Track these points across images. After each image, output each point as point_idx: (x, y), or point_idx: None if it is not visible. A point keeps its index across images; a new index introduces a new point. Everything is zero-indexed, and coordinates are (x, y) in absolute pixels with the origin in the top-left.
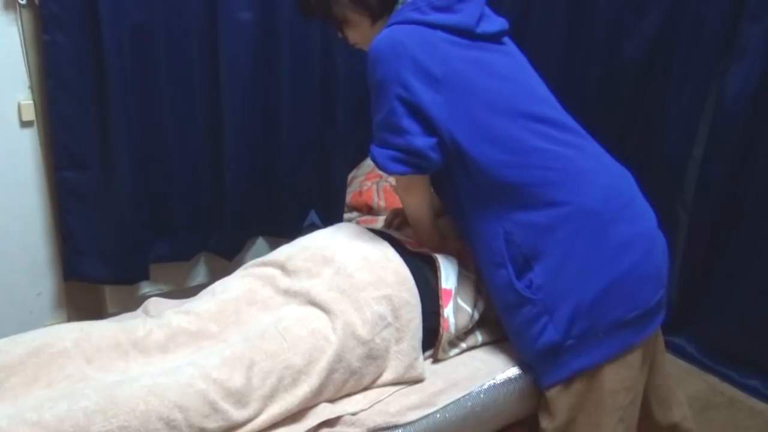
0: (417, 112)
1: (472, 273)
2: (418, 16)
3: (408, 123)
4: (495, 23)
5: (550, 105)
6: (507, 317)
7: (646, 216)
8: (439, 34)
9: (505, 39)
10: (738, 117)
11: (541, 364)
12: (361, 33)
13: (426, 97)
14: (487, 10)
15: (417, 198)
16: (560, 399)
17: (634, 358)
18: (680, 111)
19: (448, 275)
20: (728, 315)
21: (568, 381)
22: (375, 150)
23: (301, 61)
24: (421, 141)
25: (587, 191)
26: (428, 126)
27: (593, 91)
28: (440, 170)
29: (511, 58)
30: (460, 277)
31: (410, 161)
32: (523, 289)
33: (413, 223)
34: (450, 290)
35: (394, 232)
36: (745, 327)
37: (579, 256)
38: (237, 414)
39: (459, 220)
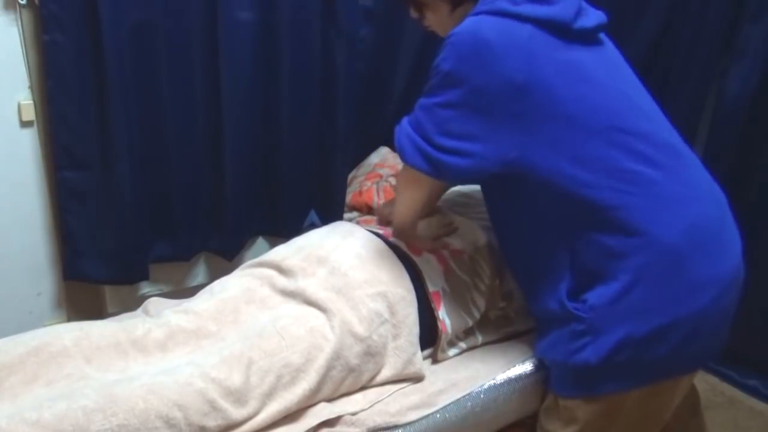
0: (477, 117)
1: (466, 275)
2: (509, 7)
3: (455, 125)
4: (592, 17)
5: (646, 116)
6: (545, 323)
7: (731, 253)
8: (529, 29)
9: (603, 36)
10: (738, 117)
11: (562, 373)
12: (438, 18)
13: (500, 105)
14: (585, 4)
15: (415, 195)
16: (576, 411)
17: (662, 388)
18: (680, 111)
19: (431, 278)
20: None
21: (591, 399)
22: (406, 128)
23: (301, 61)
24: (452, 159)
25: (668, 222)
26: (477, 135)
27: None
28: (502, 183)
29: (607, 60)
30: (452, 280)
31: (434, 162)
32: (573, 306)
33: (397, 218)
34: (438, 292)
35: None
36: (745, 327)
37: (644, 289)
38: (236, 412)
39: (503, 226)
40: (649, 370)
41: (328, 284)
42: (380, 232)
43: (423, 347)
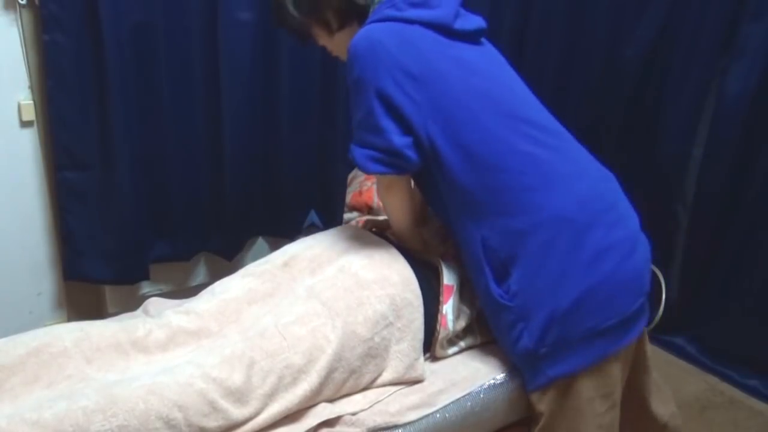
0: (395, 111)
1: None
2: (394, 12)
3: (386, 122)
4: (472, 21)
5: (530, 105)
6: (490, 320)
7: (628, 220)
8: (417, 30)
9: (483, 39)
10: (738, 117)
11: (523, 369)
12: (327, 42)
13: (403, 96)
14: (463, 10)
15: (397, 199)
16: (540, 404)
17: (612, 366)
18: (680, 111)
19: (449, 272)
20: (728, 315)
21: (545, 388)
22: (355, 149)
23: (301, 61)
24: (399, 140)
25: (563, 197)
26: (406, 126)
27: (593, 91)
28: (423, 173)
29: (489, 58)
30: (461, 279)
31: (389, 161)
32: (500, 295)
33: (394, 226)
34: (452, 286)
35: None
36: (745, 327)
37: (553, 264)
38: (237, 413)
39: (446, 225)
40: (586, 347)
41: (337, 282)
42: (390, 237)
43: (425, 351)
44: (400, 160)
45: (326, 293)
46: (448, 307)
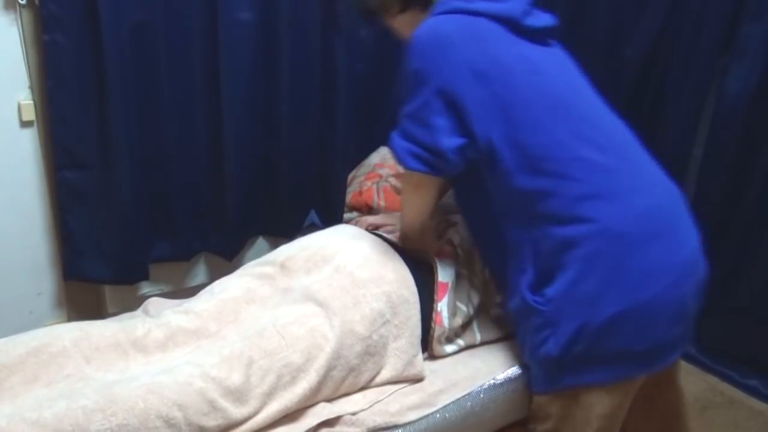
0: (454, 108)
1: (464, 268)
2: (462, 4)
3: (439, 120)
4: (541, 19)
5: (597, 111)
6: (517, 318)
7: (685, 243)
8: (484, 22)
9: (552, 41)
10: (738, 117)
11: (535, 369)
12: (390, 23)
13: (467, 93)
14: (534, 9)
15: (422, 199)
16: (549, 407)
17: (632, 387)
18: (680, 111)
19: (444, 270)
20: (728, 315)
21: (555, 393)
22: (396, 140)
23: (301, 61)
24: (447, 141)
25: (618, 210)
26: (461, 126)
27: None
28: (468, 173)
29: (556, 59)
30: (457, 275)
31: (430, 160)
32: (533, 300)
33: (405, 224)
34: (446, 284)
35: (388, 235)
36: (745, 327)
37: (596, 277)
38: (236, 412)
39: (476, 221)
40: (610, 365)
41: (333, 281)
42: (385, 235)
43: (424, 349)
44: (441, 161)
45: (323, 293)
46: (443, 305)
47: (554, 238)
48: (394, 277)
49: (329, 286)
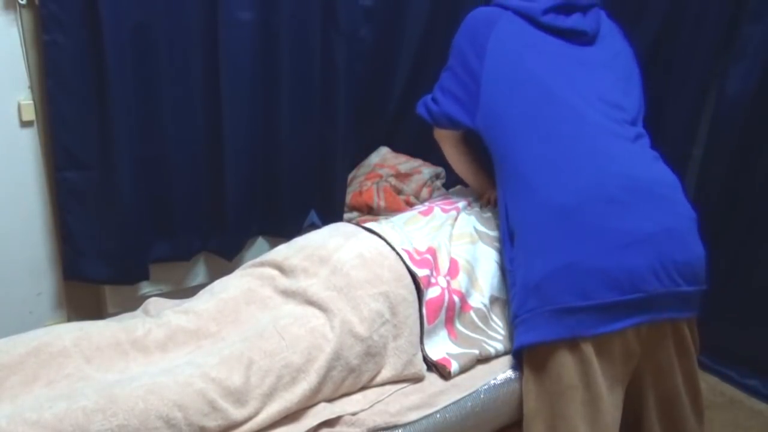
0: (461, 75)
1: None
2: (502, 0)
3: (450, 84)
4: (570, 21)
5: (579, 97)
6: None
7: (642, 218)
8: (508, 15)
9: (595, 42)
10: (738, 117)
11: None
12: None
13: (471, 65)
14: (575, 12)
15: (447, 149)
16: (526, 386)
17: (590, 352)
18: (680, 111)
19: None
20: (728, 315)
21: (519, 353)
22: (427, 96)
23: (301, 61)
24: (451, 106)
25: (563, 184)
26: (462, 91)
27: None
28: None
29: (579, 55)
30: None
31: (432, 112)
32: (507, 259)
33: (455, 169)
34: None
35: (389, 231)
36: (745, 327)
37: (534, 239)
38: (236, 413)
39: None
40: (557, 320)
41: (330, 284)
42: (380, 232)
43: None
44: (437, 114)
45: (321, 295)
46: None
47: (515, 204)
48: (391, 276)
49: (327, 288)
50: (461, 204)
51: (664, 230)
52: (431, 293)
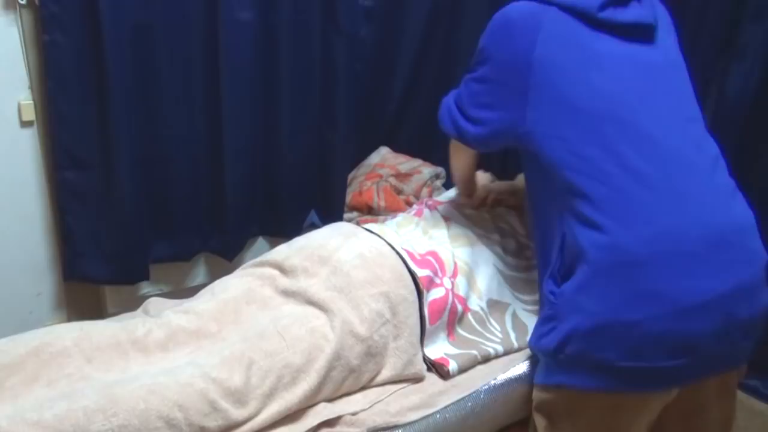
0: (500, 90)
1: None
2: None
3: (487, 99)
4: (631, 14)
5: (657, 119)
6: (540, 306)
7: (719, 275)
8: (553, 12)
9: (655, 37)
10: (738, 117)
11: (538, 360)
12: None
13: (514, 79)
14: (632, 3)
15: (459, 159)
16: (546, 403)
17: (629, 406)
18: None
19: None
20: None
21: (551, 389)
22: (449, 99)
23: (301, 61)
24: (473, 128)
25: (634, 228)
26: (502, 111)
27: None
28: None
29: (637, 57)
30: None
31: (459, 128)
32: (548, 291)
33: (454, 177)
34: (428, 277)
35: (389, 232)
36: None
37: (597, 284)
38: (236, 413)
39: (529, 199)
40: (598, 373)
41: (330, 284)
42: (380, 233)
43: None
44: (465, 136)
45: (321, 295)
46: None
47: (577, 235)
48: (392, 277)
49: (327, 289)
50: (451, 202)
51: (734, 288)
52: (434, 294)
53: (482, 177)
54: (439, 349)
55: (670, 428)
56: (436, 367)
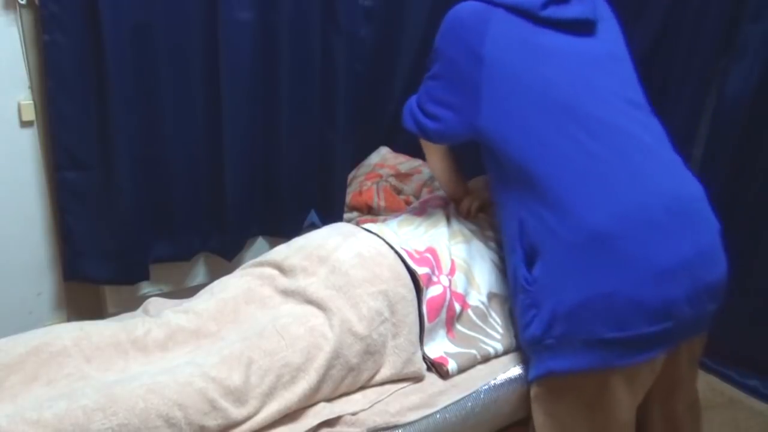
0: (454, 85)
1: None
2: None
3: (443, 95)
4: (572, 11)
5: (608, 104)
6: (513, 301)
7: (685, 242)
8: (500, 12)
9: (596, 31)
10: (738, 117)
11: (529, 355)
12: None
13: (466, 73)
14: (571, 1)
15: (432, 159)
16: (543, 399)
17: (619, 382)
18: (680, 111)
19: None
20: (728, 315)
21: (544, 379)
22: (411, 99)
23: (301, 61)
24: (431, 123)
25: (597, 205)
26: (457, 104)
27: None
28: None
29: (581, 49)
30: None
31: (420, 125)
32: (524, 278)
33: (437, 179)
34: (427, 275)
35: (387, 232)
36: (745, 327)
37: (569, 263)
38: (236, 412)
39: (493, 192)
40: (587, 350)
41: (329, 283)
42: (378, 233)
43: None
44: (425, 128)
45: (320, 294)
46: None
47: (540, 219)
48: (390, 275)
49: (326, 288)
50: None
51: (698, 252)
52: (432, 291)
53: (476, 182)
54: (438, 347)
55: (653, 412)
56: (436, 367)
